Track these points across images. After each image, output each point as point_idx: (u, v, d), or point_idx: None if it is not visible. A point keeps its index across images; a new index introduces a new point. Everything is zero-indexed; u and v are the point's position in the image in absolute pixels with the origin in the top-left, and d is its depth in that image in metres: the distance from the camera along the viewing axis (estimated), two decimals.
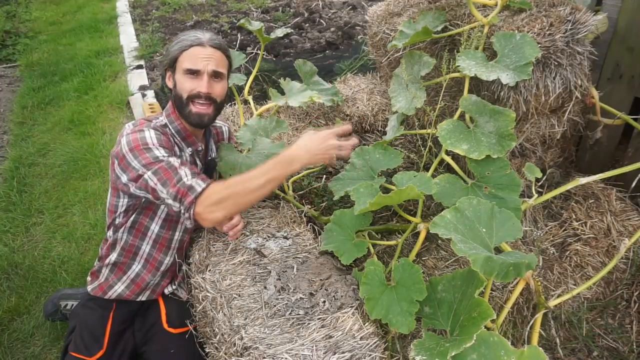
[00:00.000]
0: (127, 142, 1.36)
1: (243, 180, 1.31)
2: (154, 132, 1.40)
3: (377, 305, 1.24)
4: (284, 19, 4.68)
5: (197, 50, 1.43)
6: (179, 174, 1.31)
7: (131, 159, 1.34)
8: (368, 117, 2.32)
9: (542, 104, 1.63)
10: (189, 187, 1.30)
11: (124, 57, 4.20)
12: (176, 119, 1.51)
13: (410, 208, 1.89)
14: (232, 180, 1.33)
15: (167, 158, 1.35)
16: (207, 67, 1.43)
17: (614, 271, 1.68)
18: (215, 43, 1.47)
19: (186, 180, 1.30)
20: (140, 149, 1.34)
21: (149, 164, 1.33)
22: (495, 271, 1.07)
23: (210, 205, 1.30)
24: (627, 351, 1.55)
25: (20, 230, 2.36)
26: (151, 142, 1.37)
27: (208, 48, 1.44)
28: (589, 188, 1.87)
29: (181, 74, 1.44)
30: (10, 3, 5.51)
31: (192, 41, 1.44)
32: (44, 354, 1.77)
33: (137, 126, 1.43)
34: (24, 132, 3.23)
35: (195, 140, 1.54)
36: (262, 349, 1.16)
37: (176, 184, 1.30)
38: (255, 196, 1.34)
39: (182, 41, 1.45)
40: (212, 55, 1.45)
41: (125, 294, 1.54)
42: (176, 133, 1.51)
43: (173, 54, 1.46)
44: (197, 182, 1.31)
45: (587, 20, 1.58)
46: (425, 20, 1.81)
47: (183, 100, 1.44)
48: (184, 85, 1.44)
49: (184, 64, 1.43)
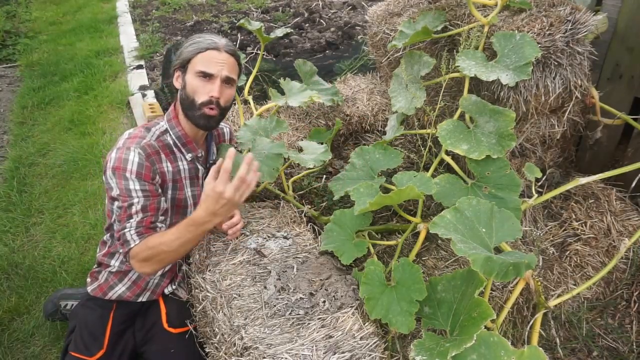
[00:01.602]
0: (113, 158, 1.39)
1: (165, 242, 1.35)
2: (138, 157, 1.38)
3: (377, 305, 1.25)
4: (284, 19, 4.68)
5: (212, 54, 1.43)
6: (129, 222, 1.38)
7: (110, 177, 1.39)
8: (368, 117, 2.32)
9: (542, 104, 1.63)
10: (125, 240, 1.38)
11: (124, 57, 4.20)
12: (177, 125, 1.50)
13: (410, 208, 1.90)
14: (155, 240, 1.37)
15: (131, 199, 1.37)
16: (222, 72, 1.43)
17: (614, 271, 1.68)
18: (231, 49, 1.47)
19: (128, 231, 1.38)
20: (120, 173, 1.38)
21: (120, 195, 1.38)
22: (495, 271, 1.07)
23: (139, 261, 1.38)
24: (627, 351, 1.55)
25: (20, 230, 2.36)
26: (129, 170, 1.37)
27: (223, 53, 1.45)
28: (589, 188, 1.87)
29: (193, 75, 1.44)
30: (10, 3, 5.51)
31: (209, 44, 1.44)
32: (44, 354, 1.77)
33: (130, 139, 1.42)
34: (24, 132, 3.23)
35: (195, 147, 1.54)
36: (262, 349, 1.16)
37: (121, 230, 1.38)
38: (178, 254, 1.39)
39: (197, 43, 1.45)
40: (227, 61, 1.45)
41: (125, 295, 1.55)
42: (177, 139, 1.51)
43: (187, 55, 1.45)
44: (132, 237, 1.37)
45: (587, 20, 1.58)
46: (425, 20, 1.81)
47: (195, 104, 1.44)
48: (195, 88, 1.43)
49: (198, 66, 1.43)
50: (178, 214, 1.55)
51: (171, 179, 1.50)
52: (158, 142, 1.48)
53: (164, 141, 1.49)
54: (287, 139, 2.11)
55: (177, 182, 1.52)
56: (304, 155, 1.73)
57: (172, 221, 1.53)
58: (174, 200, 1.52)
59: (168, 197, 1.50)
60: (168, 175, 1.48)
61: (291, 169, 2.05)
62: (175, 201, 1.53)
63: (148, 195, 1.40)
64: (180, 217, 1.55)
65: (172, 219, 1.53)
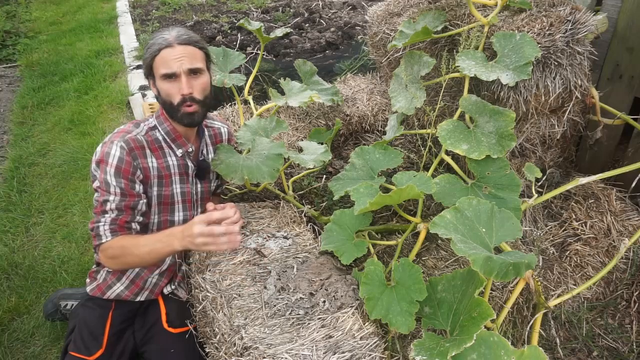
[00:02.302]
0: (98, 152, 1.42)
1: (135, 244, 1.37)
2: (120, 151, 1.39)
3: (377, 305, 1.25)
4: (284, 19, 4.68)
5: (166, 52, 1.38)
6: (104, 217, 1.40)
7: (95, 170, 1.43)
8: (368, 117, 2.32)
9: (542, 104, 1.63)
10: (97, 234, 1.40)
11: (124, 57, 4.20)
12: (165, 121, 1.50)
13: (410, 208, 1.90)
14: (128, 242, 1.39)
15: (107, 195, 1.39)
16: (182, 67, 1.38)
17: (614, 271, 1.68)
18: (184, 39, 1.40)
19: (102, 226, 1.40)
20: (102, 167, 1.40)
21: (99, 187, 1.41)
22: (495, 271, 1.07)
23: (106, 258, 1.42)
24: (627, 351, 1.55)
25: (20, 230, 2.36)
26: (110, 164, 1.39)
27: (177, 47, 1.38)
28: (589, 188, 1.87)
29: (160, 80, 1.41)
30: (10, 3, 5.51)
31: (160, 44, 1.39)
32: (44, 354, 1.77)
33: (116, 133, 1.45)
34: (24, 132, 3.23)
35: (185, 142, 1.53)
36: (262, 348, 1.16)
37: (95, 222, 1.41)
38: (144, 261, 1.41)
39: (150, 47, 1.41)
40: (184, 53, 1.39)
41: (124, 294, 1.55)
42: (166, 135, 1.50)
43: (147, 62, 1.42)
44: (105, 233, 1.40)
45: (587, 20, 1.58)
46: (425, 20, 1.81)
47: (174, 106, 1.43)
48: (166, 91, 1.42)
49: (160, 70, 1.39)
50: (166, 211, 1.54)
51: (156, 175, 1.49)
52: (147, 136, 1.47)
53: (152, 136, 1.49)
54: (287, 139, 2.11)
55: (164, 178, 1.51)
56: (304, 156, 1.73)
57: (160, 218, 1.53)
58: (160, 197, 1.51)
59: (154, 194, 1.49)
60: (152, 172, 1.47)
61: (291, 169, 2.05)
62: (162, 197, 1.52)
63: (125, 194, 1.40)
64: (167, 213, 1.55)
65: (159, 215, 1.52)
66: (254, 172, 1.55)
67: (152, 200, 1.49)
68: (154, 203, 1.50)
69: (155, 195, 1.50)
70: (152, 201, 1.49)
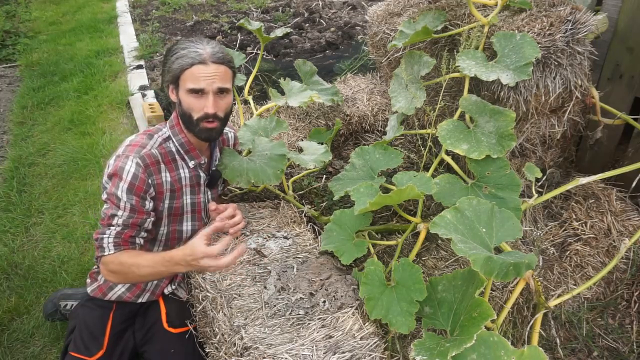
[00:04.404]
0: (111, 165, 1.40)
1: (136, 264, 1.37)
2: (135, 168, 1.37)
3: (377, 305, 1.24)
4: (284, 19, 4.67)
5: (198, 69, 1.35)
6: (109, 230, 1.39)
7: (106, 182, 1.41)
8: (368, 117, 2.32)
9: (542, 104, 1.63)
10: (100, 246, 1.40)
11: (124, 57, 4.20)
12: (180, 132, 1.48)
13: (410, 208, 1.89)
14: (131, 259, 1.38)
15: (116, 209, 1.38)
16: (213, 85, 1.36)
17: (614, 271, 1.68)
18: (218, 58, 1.37)
19: (107, 238, 1.39)
20: (115, 181, 1.38)
21: (109, 199, 1.40)
22: (495, 271, 1.07)
23: (107, 271, 1.42)
24: (627, 351, 1.55)
25: (20, 230, 2.36)
26: (124, 180, 1.37)
27: (210, 65, 1.35)
28: (589, 188, 1.87)
29: (184, 92, 1.38)
30: (10, 3, 5.51)
31: (193, 59, 1.35)
32: (44, 354, 1.77)
33: (131, 146, 1.41)
34: (24, 132, 3.23)
35: (198, 154, 1.52)
36: (262, 349, 1.16)
37: (100, 234, 1.40)
38: (144, 279, 1.45)
39: (182, 57, 1.36)
40: (217, 72, 1.36)
41: (125, 296, 1.55)
42: (180, 146, 1.49)
43: (174, 72, 1.38)
44: (108, 246, 1.39)
45: (587, 20, 1.58)
46: (425, 20, 1.81)
47: (193, 120, 1.41)
48: (190, 105, 1.39)
49: (187, 84, 1.36)
50: (175, 222, 1.55)
51: (169, 189, 1.48)
52: (160, 149, 1.45)
53: (166, 148, 1.47)
54: (287, 139, 2.11)
55: (176, 191, 1.50)
56: (304, 156, 1.73)
57: (169, 229, 1.53)
58: (170, 209, 1.51)
59: (165, 206, 1.49)
60: (165, 186, 1.47)
61: (291, 169, 2.05)
62: (172, 210, 1.52)
63: (135, 210, 1.39)
64: (176, 224, 1.55)
65: (168, 226, 1.53)
66: (259, 175, 1.55)
67: (162, 214, 1.49)
68: (164, 215, 1.50)
69: (167, 207, 1.50)
70: (163, 214, 1.50)
